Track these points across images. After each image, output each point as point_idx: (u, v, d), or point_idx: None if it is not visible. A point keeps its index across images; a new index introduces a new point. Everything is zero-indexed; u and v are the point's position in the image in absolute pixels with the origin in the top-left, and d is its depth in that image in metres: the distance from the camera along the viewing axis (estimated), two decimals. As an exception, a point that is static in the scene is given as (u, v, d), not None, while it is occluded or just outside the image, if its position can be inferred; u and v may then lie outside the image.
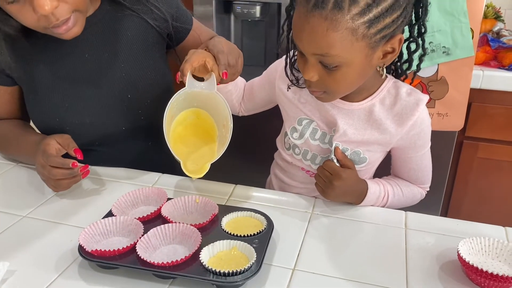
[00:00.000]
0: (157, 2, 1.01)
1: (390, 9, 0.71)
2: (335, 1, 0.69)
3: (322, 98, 0.84)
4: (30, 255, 0.74)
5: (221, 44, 0.86)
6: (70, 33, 0.86)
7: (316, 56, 0.75)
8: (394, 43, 0.77)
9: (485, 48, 1.78)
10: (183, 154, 0.85)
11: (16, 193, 0.94)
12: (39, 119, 1.02)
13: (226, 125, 0.84)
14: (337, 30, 0.70)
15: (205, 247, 0.70)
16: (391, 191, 0.93)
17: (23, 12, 0.80)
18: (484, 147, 1.76)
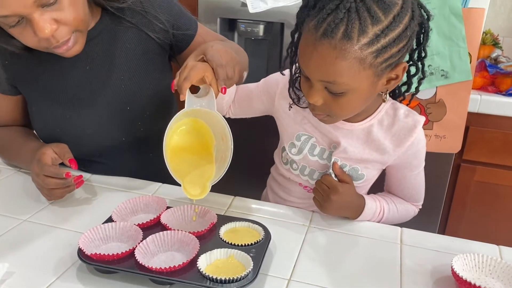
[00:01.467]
0: (157, 12, 1.01)
1: (397, 39, 0.73)
2: (345, 31, 0.70)
3: (325, 120, 0.86)
4: (29, 257, 0.75)
5: (219, 54, 0.84)
6: (71, 52, 0.88)
7: (322, 82, 0.77)
8: (399, 70, 0.79)
9: (483, 73, 1.82)
10: (182, 171, 0.83)
11: (16, 198, 0.95)
12: (41, 129, 1.05)
13: (225, 139, 0.85)
14: (345, 59, 0.72)
15: (202, 255, 0.71)
16: (386, 207, 0.94)
17: (24, 34, 0.82)
18: (482, 171, 1.78)
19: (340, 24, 0.71)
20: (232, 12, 1.69)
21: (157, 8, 1.01)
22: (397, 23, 0.72)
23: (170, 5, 1.03)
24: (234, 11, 1.68)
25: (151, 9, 1.00)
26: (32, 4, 0.77)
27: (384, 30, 0.72)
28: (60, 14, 0.81)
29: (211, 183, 0.83)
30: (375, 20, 0.71)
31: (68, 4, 0.82)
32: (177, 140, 0.85)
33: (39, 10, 0.78)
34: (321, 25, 0.73)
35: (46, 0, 0.78)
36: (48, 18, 0.80)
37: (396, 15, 0.72)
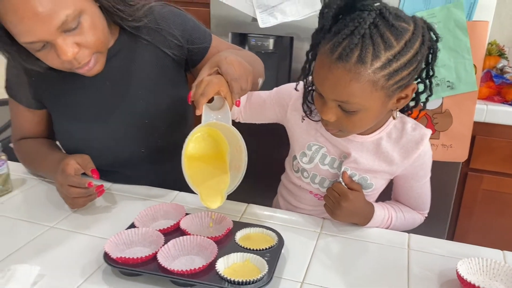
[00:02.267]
0: (172, 29, 1.06)
1: (408, 63, 0.77)
2: (359, 56, 0.75)
3: (337, 135, 0.91)
4: (57, 261, 0.80)
5: (233, 67, 0.86)
6: (92, 71, 0.94)
7: (336, 101, 0.82)
8: (408, 91, 0.84)
9: (489, 83, 1.85)
10: (198, 180, 0.87)
11: (42, 206, 1.00)
12: (65, 142, 1.11)
13: (239, 150, 0.88)
14: (359, 82, 0.77)
15: (220, 258, 0.76)
16: (394, 215, 0.99)
17: (49, 57, 0.88)
18: (489, 179, 1.80)
19: (355, 48, 0.75)
20: (243, 27, 1.74)
21: (172, 25, 1.05)
22: (409, 49, 0.77)
23: (184, 21, 1.08)
24: (245, 26, 1.74)
25: (166, 27, 1.05)
26: (55, 31, 0.83)
27: (396, 55, 0.76)
28: (81, 38, 0.87)
29: (227, 192, 0.88)
30: (388, 45, 0.75)
31: (88, 28, 0.87)
32: (193, 147, 0.88)
33: (62, 35, 0.84)
34: (336, 48, 0.77)
35: (68, 26, 0.84)
36: (70, 43, 0.86)
37: (408, 41, 0.77)
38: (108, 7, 0.92)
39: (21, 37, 0.83)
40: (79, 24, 0.85)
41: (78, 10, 0.84)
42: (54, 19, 0.81)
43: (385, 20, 0.76)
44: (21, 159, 1.15)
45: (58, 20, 0.81)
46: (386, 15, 0.76)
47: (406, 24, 0.78)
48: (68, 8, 0.82)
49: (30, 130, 1.12)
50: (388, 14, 0.76)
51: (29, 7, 0.79)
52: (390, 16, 0.76)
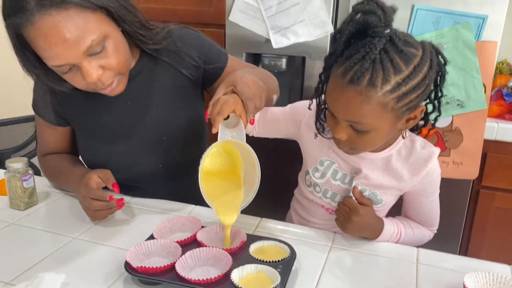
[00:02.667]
0: (189, 50, 1.11)
1: (416, 86, 0.82)
2: (370, 79, 0.79)
3: (349, 152, 0.95)
4: (81, 270, 0.85)
5: (248, 87, 0.90)
6: (115, 92, 1.00)
7: (348, 121, 0.86)
8: (417, 112, 0.88)
9: (500, 102, 1.87)
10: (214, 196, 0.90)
11: (66, 218, 1.05)
12: (87, 157, 1.17)
13: (252, 166, 0.92)
14: (369, 104, 0.81)
15: (235, 269, 0.79)
16: (403, 230, 1.01)
17: (75, 78, 0.94)
18: (501, 197, 1.81)
19: (366, 73, 0.80)
20: (257, 47, 1.80)
21: (189, 47, 1.11)
22: (417, 73, 0.81)
23: (201, 43, 1.13)
24: (259, 46, 1.80)
25: (183, 48, 1.10)
26: (81, 55, 0.89)
27: (405, 79, 0.80)
28: (105, 61, 0.93)
29: (241, 207, 0.91)
30: (397, 70, 0.80)
31: (112, 52, 0.93)
32: (209, 162, 0.92)
33: (88, 59, 0.90)
34: (348, 72, 0.82)
35: (93, 50, 0.90)
36: (95, 65, 0.91)
37: (416, 65, 0.81)
38: (130, 32, 0.98)
39: (50, 60, 0.89)
40: (103, 48, 0.91)
41: (102, 35, 0.90)
42: (81, 44, 0.87)
43: (395, 46, 0.80)
44: (46, 174, 1.20)
45: (84, 45, 0.87)
46: (396, 41, 0.80)
47: (415, 49, 0.82)
48: (94, 33, 0.88)
49: (55, 146, 1.18)
50: (398, 40, 0.80)
51: (58, 34, 0.85)
52: (399, 42, 0.80)
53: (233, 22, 1.79)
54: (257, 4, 1.71)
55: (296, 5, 1.67)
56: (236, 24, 1.79)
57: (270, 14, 1.72)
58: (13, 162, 1.04)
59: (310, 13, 1.68)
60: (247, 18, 1.77)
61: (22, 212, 1.06)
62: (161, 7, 2.14)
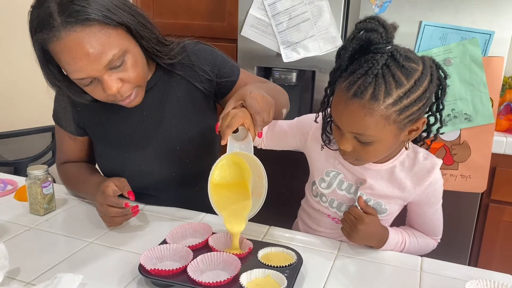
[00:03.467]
0: (203, 65, 1.16)
1: (418, 99, 0.86)
2: (372, 93, 0.83)
3: (354, 163, 0.99)
4: (97, 272, 0.89)
5: (256, 101, 0.94)
6: (133, 103, 1.06)
7: (352, 133, 0.90)
8: (419, 124, 0.92)
9: (509, 116, 1.89)
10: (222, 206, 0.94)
11: (83, 223, 1.10)
12: (104, 166, 1.22)
13: (260, 176, 0.95)
14: (372, 116, 0.85)
15: (244, 273, 0.83)
16: (407, 239, 1.04)
17: (95, 91, 1.00)
18: (510, 211, 1.81)
19: (369, 87, 0.84)
20: (268, 61, 1.85)
21: (203, 61, 1.16)
22: (418, 87, 0.85)
23: (214, 57, 1.18)
24: (270, 60, 1.85)
25: (197, 63, 1.16)
26: (102, 68, 0.94)
27: (406, 93, 0.84)
28: (124, 74, 0.98)
29: (248, 217, 0.95)
30: (399, 84, 0.84)
31: (131, 66, 0.99)
32: (218, 174, 0.96)
33: (108, 72, 0.96)
34: (352, 86, 0.86)
35: (114, 64, 0.95)
36: (115, 78, 0.97)
37: (417, 79, 0.85)
38: (147, 48, 1.04)
39: (73, 73, 0.95)
40: (123, 62, 0.97)
41: (122, 50, 0.96)
42: (102, 58, 0.93)
43: (396, 61, 0.84)
44: (64, 181, 1.26)
45: (105, 60, 0.93)
46: (397, 57, 0.84)
47: (415, 64, 0.86)
48: (115, 49, 0.94)
49: (73, 155, 1.24)
50: (399, 56, 0.84)
51: (82, 49, 0.91)
52: (400, 58, 0.84)
53: (245, 37, 1.84)
54: (269, 20, 1.77)
55: (306, 21, 1.72)
56: (248, 38, 1.84)
57: (281, 29, 1.77)
58: (34, 170, 1.09)
59: (320, 29, 1.73)
60: (258, 33, 1.82)
61: (41, 217, 1.11)
62: (175, 22, 2.21)
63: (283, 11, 1.73)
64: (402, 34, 1.59)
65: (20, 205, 1.17)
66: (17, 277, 0.86)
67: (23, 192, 1.17)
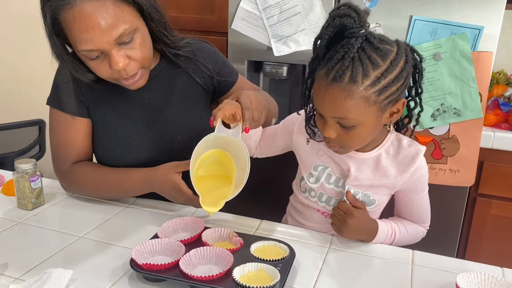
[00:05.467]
0: (206, 61, 1.20)
1: (395, 79, 0.87)
2: (351, 76, 0.85)
3: (339, 151, 0.99)
4: (87, 267, 0.88)
5: (249, 100, 0.98)
6: (137, 85, 1.05)
7: (335, 118, 0.91)
8: (399, 105, 0.93)
9: (496, 111, 1.91)
10: (204, 190, 0.97)
11: (72, 218, 1.08)
12: (104, 151, 1.17)
13: (244, 169, 0.98)
14: (353, 98, 0.86)
15: (237, 267, 0.82)
16: (397, 229, 1.05)
17: (100, 66, 0.99)
18: (497, 205, 1.84)
19: (347, 70, 0.86)
20: (259, 55, 1.85)
21: (206, 58, 1.20)
22: (394, 67, 0.87)
23: (217, 56, 1.23)
24: (260, 54, 1.84)
25: (201, 59, 1.19)
26: (113, 41, 0.94)
27: (383, 73, 0.86)
28: (132, 52, 0.99)
29: (225, 201, 0.96)
30: (375, 65, 0.86)
31: (139, 44, 0.99)
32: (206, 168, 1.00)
33: (117, 47, 0.96)
34: (330, 72, 0.87)
35: (123, 39, 0.96)
36: (122, 54, 0.97)
37: (393, 60, 0.87)
38: (156, 31, 1.05)
39: (82, 44, 0.94)
40: (132, 39, 0.97)
41: (133, 27, 0.96)
42: (114, 31, 0.93)
43: (371, 44, 0.86)
44: (80, 184, 1.14)
45: (116, 33, 0.93)
46: (372, 40, 0.86)
47: (390, 46, 0.88)
48: (126, 23, 0.95)
49: (81, 146, 1.14)
50: (373, 39, 0.87)
51: (95, 19, 0.91)
52: (375, 41, 0.86)
53: (236, 30, 1.83)
54: (259, 13, 1.76)
55: (297, 15, 1.71)
56: (239, 32, 1.83)
57: (272, 23, 1.76)
58: (22, 163, 1.07)
59: (311, 22, 1.72)
60: (249, 26, 1.81)
61: (29, 211, 1.09)
62: (165, 15, 2.18)
63: (274, 5, 1.72)
64: (392, 29, 1.61)
65: (7, 199, 1.15)
66: (5, 273, 0.85)
67: (10, 186, 1.15)
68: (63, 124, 1.13)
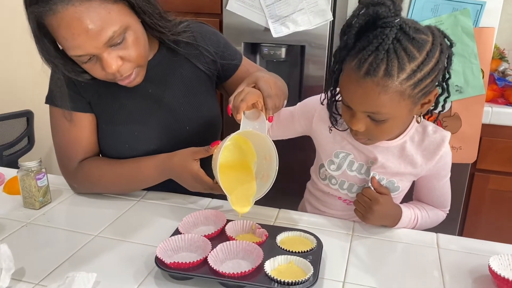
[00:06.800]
0: (207, 45, 1.13)
1: (431, 72, 0.83)
2: (386, 69, 0.80)
3: (367, 143, 0.96)
4: (108, 268, 0.84)
5: (269, 86, 0.94)
6: (132, 83, 1.00)
7: (366, 112, 0.87)
8: (431, 96, 0.89)
9: (493, 86, 1.91)
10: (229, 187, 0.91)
11: (83, 215, 1.04)
12: (111, 146, 1.11)
13: (268, 158, 0.94)
14: (387, 93, 0.82)
15: (267, 261, 0.80)
16: (419, 214, 1.04)
17: (94, 68, 0.93)
18: (495, 179, 1.86)
19: (381, 63, 0.81)
20: (255, 37, 1.79)
21: (208, 41, 1.13)
22: (430, 58, 0.82)
23: (218, 38, 1.16)
24: (257, 35, 1.79)
25: (202, 43, 1.12)
26: (102, 46, 0.88)
27: (419, 66, 0.82)
28: (124, 53, 0.92)
29: (255, 199, 0.93)
30: (411, 58, 0.81)
31: (132, 43, 0.92)
32: (223, 155, 0.93)
33: (108, 49, 0.90)
34: (363, 64, 0.82)
35: (114, 41, 0.89)
36: (114, 56, 0.91)
37: (429, 51, 0.83)
38: (150, 24, 0.98)
39: (70, 50, 0.88)
40: (124, 39, 0.91)
41: (123, 26, 0.89)
42: (102, 35, 0.86)
43: (406, 34, 0.81)
44: (92, 180, 1.09)
45: (105, 36, 0.87)
46: (407, 30, 0.81)
47: (425, 35, 0.84)
48: (115, 25, 0.88)
49: (87, 142, 1.09)
50: (408, 28, 0.81)
51: (81, 25, 0.84)
52: (410, 30, 0.81)
53: (231, 11, 1.77)
54: (256, -7, 1.70)
55: (295, -6, 1.66)
56: (234, 13, 1.77)
57: (269, 2, 1.71)
58: (26, 161, 1.01)
59: (309, 2, 1.68)
60: (245, 7, 1.75)
61: (37, 211, 1.04)
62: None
63: (271, -16, 1.67)
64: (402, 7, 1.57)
65: (11, 198, 1.09)
66: (24, 279, 0.80)
67: (13, 184, 1.10)
68: (65, 122, 1.07)
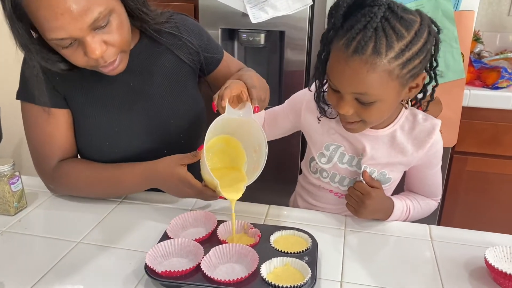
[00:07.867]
0: (190, 37, 1.09)
1: (419, 52, 0.81)
2: (374, 47, 0.78)
3: (355, 129, 0.93)
4: (95, 277, 0.79)
5: (253, 79, 0.94)
6: (116, 71, 0.94)
7: (353, 94, 0.84)
8: (419, 80, 0.88)
9: (469, 68, 1.91)
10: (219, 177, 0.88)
11: (62, 220, 0.98)
12: (90, 144, 1.05)
13: (258, 150, 0.91)
14: (375, 72, 0.80)
15: (263, 264, 0.77)
16: (411, 205, 1.03)
17: (74, 54, 0.87)
18: (473, 161, 1.88)
19: (369, 41, 0.79)
20: (233, 22, 1.74)
21: (191, 33, 1.10)
22: (419, 38, 0.81)
23: (201, 32, 1.14)
24: (235, 21, 1.73)
25: (185, 34, 1.08)
26: (87, 28, 0.82)
27: (408, 45, 0.80)
28: (109, 37, 0.87)
29: (245, 185, 0.90)
30: (400, 36, 0.80)
31: (116, 27, 0.87)
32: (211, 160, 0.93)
33: (92, 33, 0.84)
34: (351, 43, 0.80)
35: (98, 24, 0.84)
36: (98, 40, 0.85)
37: (417, 30, 0.81)
38: (133, 9, 0.93)
39: (52, 32, 0.81)
40: (108, 22, 0.86)
41: (109, 8, 0.84)
42: (87, 16, 0.81)
43: (394, 13, 0.80)
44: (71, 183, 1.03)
45: (90, 17, 0.81)
46: (395, 9, 0.80)
47: (413, 16, 0.83)
48: (101, 6, 0.82)
49: (65, 140, 1.03)
50: (396, 7, 0.80)
51: (65, 3, 0.78)
52: (398, 10, 0.80)
53: (206, -5, 1.70)
54: (232, -23, 1.63)
55: (274, -23, 1.61)
56: (210, -3, 1.70)
57: (246, -13, 1.64)
58: (-3, 165, 0.94)
59: (288, -14, 1.62)
60: (221, -9, 1.68)
61: (12, 217, 0.97)
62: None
63: (249, -33, 1.60)
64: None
65: (-18, 204, 1.02)
66: (3, 295, 0.75)
67: (-17, 190, 1.02)
68: (40, 118, 1.00)
